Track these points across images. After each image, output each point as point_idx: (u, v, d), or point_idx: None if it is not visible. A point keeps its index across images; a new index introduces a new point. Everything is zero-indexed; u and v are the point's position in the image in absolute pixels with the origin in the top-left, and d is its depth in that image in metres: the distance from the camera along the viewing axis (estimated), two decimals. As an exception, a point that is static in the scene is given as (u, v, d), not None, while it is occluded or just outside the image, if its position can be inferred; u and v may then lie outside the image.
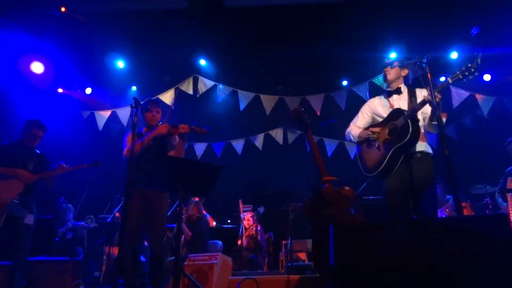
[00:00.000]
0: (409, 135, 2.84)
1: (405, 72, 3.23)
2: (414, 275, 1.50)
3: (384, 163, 2.96)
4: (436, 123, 2.87)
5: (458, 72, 2.65)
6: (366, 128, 3.21)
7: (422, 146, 3.02)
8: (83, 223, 5.56)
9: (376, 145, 3.07)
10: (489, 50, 5.74)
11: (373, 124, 3.23)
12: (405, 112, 2.95)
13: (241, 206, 6.35)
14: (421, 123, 3.01)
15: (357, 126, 3.31)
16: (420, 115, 3.02)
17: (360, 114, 3.37)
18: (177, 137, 3.59)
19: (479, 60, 2.57)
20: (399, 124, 2.93)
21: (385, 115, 3.14)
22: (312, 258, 2.89)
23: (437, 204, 3.04)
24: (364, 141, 3.19)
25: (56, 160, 4.06)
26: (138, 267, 3.42)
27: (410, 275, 1.51)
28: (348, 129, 3.35)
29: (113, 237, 5.01)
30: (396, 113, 3.04)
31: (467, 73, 2.61)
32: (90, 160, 4.08)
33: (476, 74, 2.58)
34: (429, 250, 1.52)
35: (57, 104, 6.72)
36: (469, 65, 2.61)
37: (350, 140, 3.33)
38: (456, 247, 1.49)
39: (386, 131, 3.02)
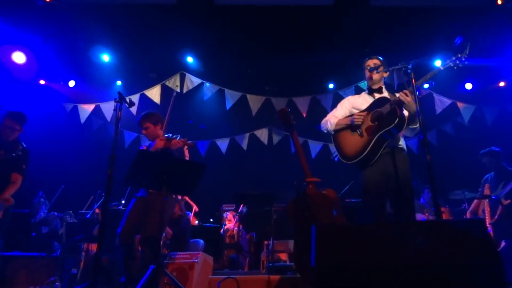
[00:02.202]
0: (397, 120, 2.87)
1: (386, 74, 3.30)
2: (394, 275, 1.52)
3: (368, 149, 2.95)
4: (413, 127, 2.99)
5: (448, 61, 2.76)
6: (348, 116, 3.21)
7: (401, 141, 3.11)
8: (54, 213, 5.43)
9: (358, 132, 3.07)
10: (471, 61, 5.88)
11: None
12: (390, 100, 2.99)
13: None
14: None
15: (335, 116, 3.31)
16: None
17: (339, 106, 3.40)
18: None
19: (467, 51, 2.69)
20: (384, 111, 2.96)
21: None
22: (294, 259, 2.90)
23: (414, 207, 3.09)
24: (344, 129, 3.17)
25: (39, 155, 3.93)
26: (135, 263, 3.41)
27: (390, 275, 1.53)
28: (326, 118, 3.34)
29: (92, 233, 4.92)
30: (380, 101, 3.07)
31: (457, 62, 2.72)
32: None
33: (466, 63, 2.70)
34: (409, 251, 1.55)
35: (38, 96, 6.55)
36: (459, 55, 2.72)
37: (327, 130, 3.28)
38: (436, 248, 1.52)
39: (369, 118, 3.05)
